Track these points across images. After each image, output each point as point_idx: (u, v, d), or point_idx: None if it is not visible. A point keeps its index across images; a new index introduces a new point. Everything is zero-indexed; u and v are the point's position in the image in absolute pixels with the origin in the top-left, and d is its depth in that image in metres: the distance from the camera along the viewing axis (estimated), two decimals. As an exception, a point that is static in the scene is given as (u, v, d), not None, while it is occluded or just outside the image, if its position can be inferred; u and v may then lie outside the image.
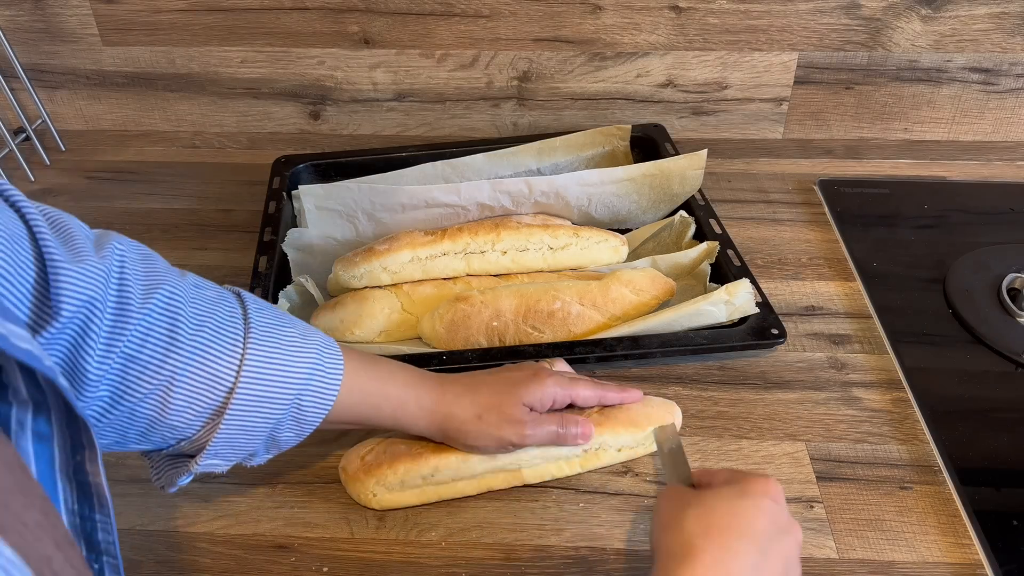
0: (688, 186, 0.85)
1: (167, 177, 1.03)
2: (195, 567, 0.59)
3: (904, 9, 0.95)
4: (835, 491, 0.63)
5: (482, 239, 0.78)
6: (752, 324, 0.73)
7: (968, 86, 1.01)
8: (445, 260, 0.77)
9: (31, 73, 1.05)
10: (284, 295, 0.76)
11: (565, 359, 0.69)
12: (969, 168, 1.00)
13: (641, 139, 0.97)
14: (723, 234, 0.82)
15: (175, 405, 0.48)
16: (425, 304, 0.76)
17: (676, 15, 0.97)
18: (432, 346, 0.75)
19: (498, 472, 0.62)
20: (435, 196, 0.81)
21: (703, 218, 0.84)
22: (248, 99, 1.08)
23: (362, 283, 0.77)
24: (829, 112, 1.04)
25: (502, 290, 0.74)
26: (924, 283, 0.81)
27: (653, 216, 0.87)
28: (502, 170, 0.92)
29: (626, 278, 0.75)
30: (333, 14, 0.99)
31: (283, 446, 0.55)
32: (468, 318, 0.73)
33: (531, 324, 0.73)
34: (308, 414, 0.53)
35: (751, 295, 0.73)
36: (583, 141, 0.94)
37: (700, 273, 0.79)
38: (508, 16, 0.98)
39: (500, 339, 0.73)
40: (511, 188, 0.82)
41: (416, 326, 0.76)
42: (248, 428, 0.51)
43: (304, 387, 0.52)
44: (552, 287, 0.74)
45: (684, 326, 0.73)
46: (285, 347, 0.51)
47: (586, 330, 0.73)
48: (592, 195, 0.84)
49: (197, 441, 0.50)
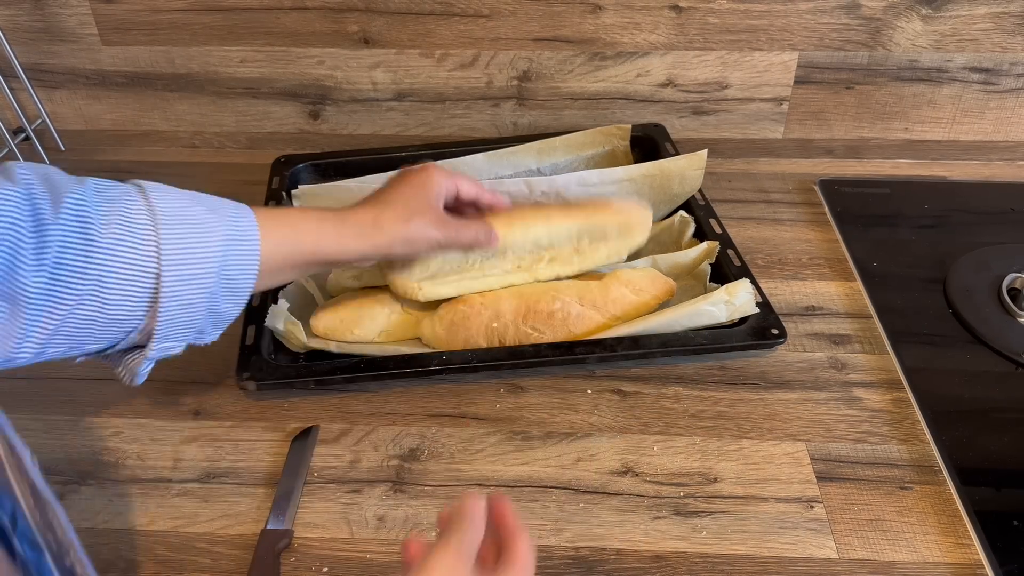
0: (688, 186, 0.85)
1: (167, 177, 1.00)
2: (195, 567, 0.59)
3: (904, 9, 0.95)
4: (835, 491, 0.63)
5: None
6: (752, 324, 0.73)
7: (968, 86, 1.01)
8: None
9: (30, 73, 1.05)
10: (284, 295, 0.76)
11: (566, 359, 0.70)
12: (969, 168, 1.00)
13: (641, 139, 0.96)
14: (723, 234, 0.82)
15: (111, 300, 0.51)
16: (425, 305, 0.75)
17: (676, 15, 0.97)
18: (432, 347, 0.75)
19: (516, 272, 0.74)
20: None
21: (703, 218, 0.84)
22: (247, 99, 1.08)
23: (361, 282, 0.77)
24: (829, 112, 1.04)
25: (502, 292, 0.74)
26: (924, 283, 0.81)
27: (654, 216, 0.87)
28: (502, 170, 0.92)
29: (626, 278, 0.75)
30: (333, 14, 0.99)
31: (227, 317, 0.58)
32: (467, 319, 0.72)
33: (531, 325, 0.73)
34: (238, 281, 0.56)
35: (751, 295, 0.73)
36: (583, 141, 0.94)
37: (700, 273, 0.79)
38: (508, 16, 0.98)
39: (500, 340, 0.73)
40: (511, 188, 0.82)
41: (416, 326, 0.76)
42: (186, 306, 0.54)
43: (225, 257, 0.55)
44: (552, 287, 0.74)
45: (684, 326, 0.73)
46: (194, 225, 0.55)
47: (586, 330, 0.73)
48: (592, 195, 0.84)
49: (144, 329, 0.54)
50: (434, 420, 0.69)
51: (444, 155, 0.92)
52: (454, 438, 0.68)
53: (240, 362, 0.70)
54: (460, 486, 0.63)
